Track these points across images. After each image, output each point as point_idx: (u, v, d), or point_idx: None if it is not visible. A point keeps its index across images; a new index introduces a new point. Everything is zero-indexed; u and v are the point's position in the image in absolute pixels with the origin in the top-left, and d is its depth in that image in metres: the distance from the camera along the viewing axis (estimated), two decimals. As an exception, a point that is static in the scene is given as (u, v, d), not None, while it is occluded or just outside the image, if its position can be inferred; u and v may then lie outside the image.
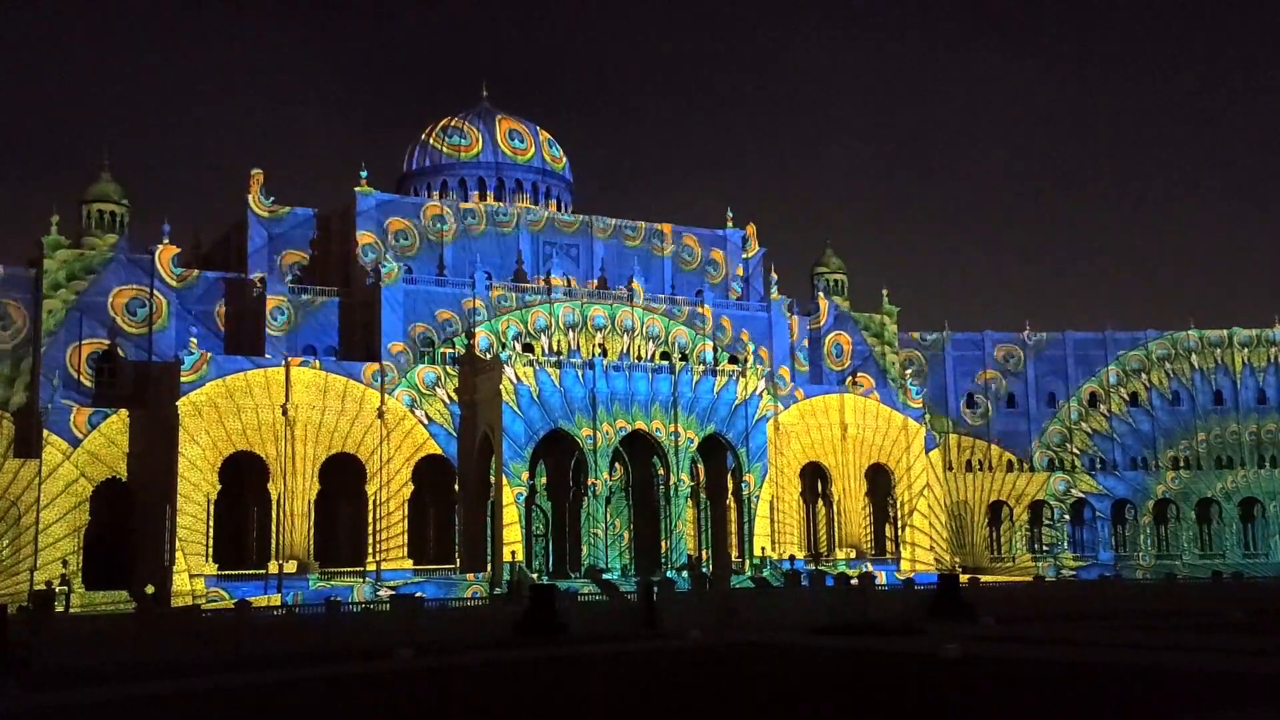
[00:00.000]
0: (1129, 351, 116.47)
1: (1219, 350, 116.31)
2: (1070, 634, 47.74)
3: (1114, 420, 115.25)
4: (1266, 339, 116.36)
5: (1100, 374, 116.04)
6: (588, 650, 44.65)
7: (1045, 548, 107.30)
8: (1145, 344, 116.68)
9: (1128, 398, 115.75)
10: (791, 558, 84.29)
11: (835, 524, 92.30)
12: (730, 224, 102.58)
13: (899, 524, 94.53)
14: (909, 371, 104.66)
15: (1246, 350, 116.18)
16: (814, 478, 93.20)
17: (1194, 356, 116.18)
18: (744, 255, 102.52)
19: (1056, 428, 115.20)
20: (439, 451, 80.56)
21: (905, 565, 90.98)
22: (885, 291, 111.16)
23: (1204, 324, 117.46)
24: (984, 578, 75.14)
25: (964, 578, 66.32)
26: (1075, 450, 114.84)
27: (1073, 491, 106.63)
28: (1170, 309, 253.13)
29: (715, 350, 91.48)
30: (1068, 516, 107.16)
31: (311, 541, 76.34)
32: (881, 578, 78.68)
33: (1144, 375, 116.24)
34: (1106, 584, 68.99)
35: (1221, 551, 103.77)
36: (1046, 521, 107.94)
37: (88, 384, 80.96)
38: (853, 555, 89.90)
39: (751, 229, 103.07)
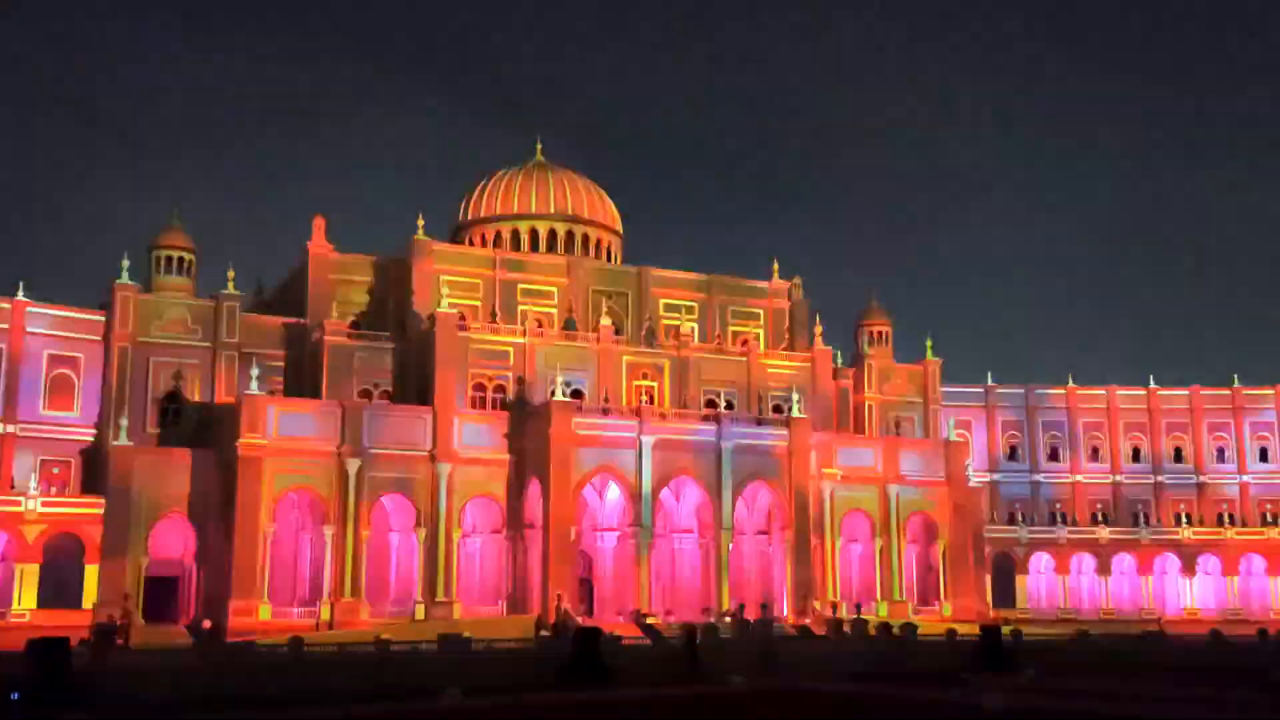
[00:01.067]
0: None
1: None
2: (1115, 688, 47.81)
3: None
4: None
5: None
6: (631, 694, 45.50)
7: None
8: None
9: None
10: (834, 605, 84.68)
11: (878, 572, 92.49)
12: (776, 274, 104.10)
13: (942, 573, 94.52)
14: (951, 422, 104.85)
15: None
16: (858, 526, 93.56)
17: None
18: (789, 305, 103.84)
19: (1103, 483, 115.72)
20: (490, 494, 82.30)
21: (947, 614, 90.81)
22: (929, 342, 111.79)
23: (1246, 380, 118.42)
24: (1026, 629, 74.96)
25: (1006, 629, 66.44)
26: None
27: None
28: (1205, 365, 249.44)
29: (762, 399, 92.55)
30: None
31: (364, 579, 78.16)
32: (924, 627, 78.71)
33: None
34: (1152, 637, 68.79)
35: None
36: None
37: (154, 425, 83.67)
38: (895, 603, 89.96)
39: (797, 280, 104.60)
